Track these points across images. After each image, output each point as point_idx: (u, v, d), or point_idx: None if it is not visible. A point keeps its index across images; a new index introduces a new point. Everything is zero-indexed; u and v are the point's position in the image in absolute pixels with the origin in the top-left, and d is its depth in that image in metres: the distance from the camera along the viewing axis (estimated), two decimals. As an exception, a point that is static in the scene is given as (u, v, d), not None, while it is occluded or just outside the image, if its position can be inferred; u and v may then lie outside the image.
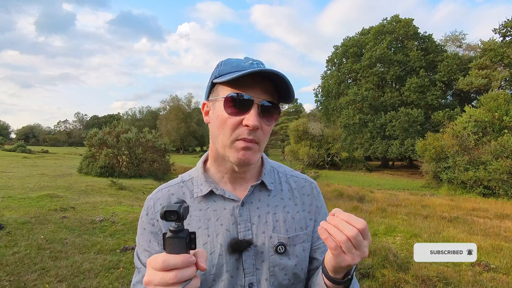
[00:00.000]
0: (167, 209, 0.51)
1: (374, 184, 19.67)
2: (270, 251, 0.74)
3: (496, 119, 16.73)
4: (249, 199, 0.78)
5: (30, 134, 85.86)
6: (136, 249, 0.80)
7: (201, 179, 0.79)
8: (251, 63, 0.71)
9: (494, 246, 5.28)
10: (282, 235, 0.76)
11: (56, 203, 6.88)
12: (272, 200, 0.80)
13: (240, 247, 0.72)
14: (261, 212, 0.77)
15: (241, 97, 0.69)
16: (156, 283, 0.51)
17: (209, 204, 0.77)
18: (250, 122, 0.67)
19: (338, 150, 30.61)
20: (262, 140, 0.72)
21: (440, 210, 9.24)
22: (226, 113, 0.70)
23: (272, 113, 0.72)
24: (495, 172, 14.20)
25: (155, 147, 15.58)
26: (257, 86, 0.69)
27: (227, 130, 0.70)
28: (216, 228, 0.74)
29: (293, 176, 0.87)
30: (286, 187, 0.83)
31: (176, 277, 0.50)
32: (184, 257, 0.51)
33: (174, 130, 53.63)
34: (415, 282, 3.75)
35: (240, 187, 0.79)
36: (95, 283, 3.36)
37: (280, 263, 0.74)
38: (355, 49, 31.73)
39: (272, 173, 0.84)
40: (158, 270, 0.51)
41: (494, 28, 25.10)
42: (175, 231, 0.52)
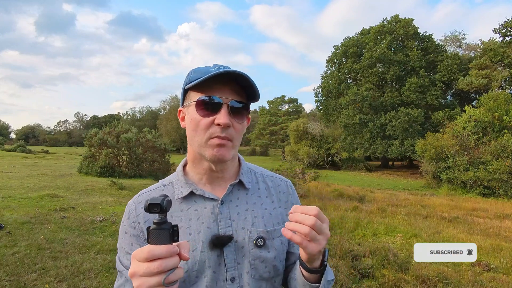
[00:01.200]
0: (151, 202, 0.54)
1: (374, 184, 19.67)
2: (250, 245, 0.78)
3: (496, 119, 16.73)
4: (228, 197, 0.82)
5: (30, 134, 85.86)
6: (118, 254, 0.82)
7: (181, 181, 0.83)
8: (218, 68, 0.75)
9: (494, 246, 5.29)
10: (261, 229, 0.80)
11: (56, 203, 6.88)
12: (250, 198, 0.84)
13: (221, 243, 0.76)
14: (240, 210, 0.81)
15: (211, 99, 0.74)
16: (142, 273, 0.53)
17: (190, 204, 0.80)
18: (221, 121, 0.72)
19: (338, 150, 30.62)
20: (235, 137, 0.76)
21: (440, 210, 9.24)
22: (198, 115, 0.74)
23: (242, 111, 0.77)
24: (495, 172, 14.20)
25: (155, 147, 15.57)
26: (225, 88, 0.74)
27: (201, 131, 0.75)
28: (198, 226, 0.78)
29: (269, 176, 0.92)
30: (263, 186, 0.88)
31: (161, 266, 0.53)
32: (168, 247, 0.54)
33: (174, 130, 53.66)
34: (415, 282, 3.75)
35: (219, 187, 0.83)
36: (95, 283, 3.36)
37: (260, 256, 0.78)
38: (355, 49, 31.74)
39: (249, 173, 0.89)
40: (143, 261, 0.54)
41: (494, 28, 25.13)
42: (158, 223, 0.55)
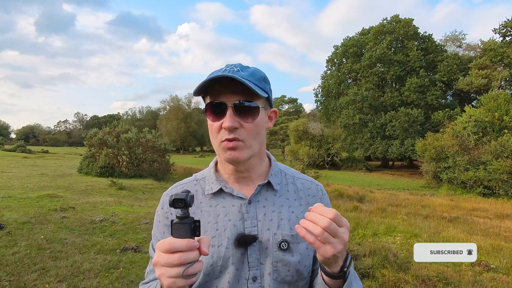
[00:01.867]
0: (175, 197, 0.57)
1: (374, 184, 19.67)
2: (274, 247, 0.78)
3: (496, 119, 16.72)
4: (256, 197, 0.82)
5: (30, 134, 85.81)
6: (151, 241, 0.87)
7: (212, 178, 0.86)
8: (224, 70, 0.76)
9: (494, 246, 5.28)
10: (286, 233, 0.79)
11: (56, 203, 6.87)
12: (278, 199, 0.84)
13: (246, 241, 0.77)
14: (267, 210, 0.81)
15: (215, 103, 0.75)
16: (163, 263, 0.57)
17: (218, 201, 0.83)
18: (225, 124, 0.73)
19: (338, 150, 30.59)
20: (247, 137, 0.76)
21: (440, 210, 9.24)
22: (210, 120, 0.78)
23: (249, 110, 0.76)
24: (495, 172, 14.19)
25: (155, 147, 15.57)
26: (229, 90, 0.74)
27: (214, 134, 0.78)
28: (224, 223, 0.80)
29: (299, 178, 0.91)
30: (292, 188, 0.87)
31: (180, 259, 0.56)
32: (188, 241, 0.56)
33: (174, 130, 53.61)
34: (415, 282, 3.75)
35: (247, 187, 0.84)
36: (95, 283, 3.36)
37: (283, 259, 0.77)
38: (355, 49, 31.72)
39: (279, 174, 0.88)
40: (165, 252, 0.57)
41: (494, 28, 25.11)
42: (181, 217, 0.58)
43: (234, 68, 0.76)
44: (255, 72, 0.79)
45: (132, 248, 4.42)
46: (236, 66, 0.77)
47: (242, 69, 0.77)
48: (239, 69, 0.76)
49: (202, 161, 34.29)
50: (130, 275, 3.62)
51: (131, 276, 3.61)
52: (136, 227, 5.57)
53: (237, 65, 0.78)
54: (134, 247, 4.46)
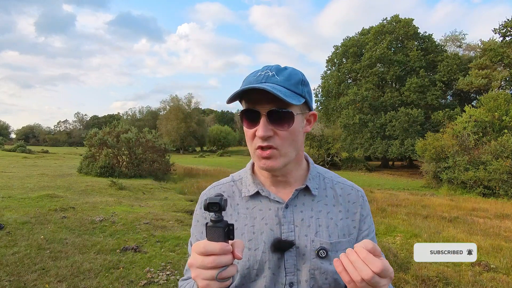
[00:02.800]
0: (210, 201, 0.58)
1: (374, 184, 19.66)
2: (311, 254, 0.77)
3: (496, 119, 16.73)
4: (293, 202, 0.81)
5: (30, 134, 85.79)
6: (190, 238, 0.88)
7: (249, 180, 0.85)
8: (258, 76, 0.74)
9: (494, 246, 5.29)
10: (324, 240, 0.78)
11: (56, 203, 6.87)
12: (316, 205, 0.82)
13: (283, 247, 0.76)
14: (305, 216, 0.80)
15: (249, 111, 0.75)
16: (198, 265, 0.58)
17: (255, 203, 0.82)
18: (259, 133, 0.73)
19: (338, 150, 30.58)
20: (282, 145, 0.74)
21: (440, 210, 9.24)
22: (245, 126, 0.77)
23: (283, 118, 0.74)
24: (495, 172, 14.19)
25: (155, 147, 15.57)
26: (263, 97, 0.72)
27: (249, 141, 0.77)
28: (261, 226, 0.79)
29: (339, 183, 0.88)
30: (331, 193, 0.85)
31: (214, 262, 0.56)
32: (222, 245, 0.57)
33: (174, 130, 53.59)
34: (415, 282, 3.75)
35: (284, 190, 0.82)
36: (95, 283, 3.36)
37: (321, 267, 0.76)
38: (355, 49, 31.72)
39: (317, 178, 0.86)
40: (199, 254, 0.58)
41: (494, 28, 25.12)
42: (215, 221, 0.59)
43: (269, 73, 0.74)
44: (292, 75, 0.75)
45: (132, 248, 4.42)
46: (271, 70, 0.75)
47: (278, 73, 0.74)
48: (274, 73, 0.74)
49: (202, 161, 34.28)
50: (130, 275, 3.62)
51: (131, 276, 3.61)
52: (136, 227, 5.57)
53: (274, 68, 0.76)
54: (134, 247, 4.46)
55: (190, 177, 15.48)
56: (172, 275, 3.70)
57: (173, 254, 4.38)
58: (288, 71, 0.76)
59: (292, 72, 0.76)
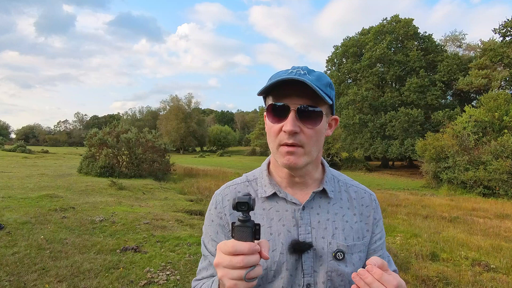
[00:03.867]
0: (239, 201, 0.58)
1: (374, 184, 19.66)
2: (329, 256, 0.77)
3: (496, 119, 16.72)
4: (310, 204, 0.81)
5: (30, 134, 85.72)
6: (202, 237, 0.87)
7: (265, 180, 0.85)
8: (290, 72, 0.74)
9: (494, 246, 5.29)
10: (341, 243, 0.79)
11: (56, 203, 6.87)
12: (332, 207, 0.83)
13: (300, 248, 0.76)
14: (321, 218, 0.80)
15: (278, 105, 0.74)
16: (225, 265, 0.57)
17: (272, 204, 0.82)
18: (287, 128, 0.72)
19: (338, 150, 30.58)
20: (307, 143, 0.74)
21: (440, 210, 9.24)
22: (270, 122, 0.76)
23: (313, 116, 0.74)
24: (495, 172, 14.20)
25: (155, 147, 15.57)
26: (294, 93, 0.73)
27: (273, 137, 0.76)
28: (278, 227, 0.79)
29: (353, 186, 0.89)
30: (346, 197, 0.86)
31: (243, 262, 0.56)
32: (250, 245, 0.57)
33: (174, 130, 53.57)
34: (415, 282, 3.75)
35: (300, 192, 0.83)
36: (95, 283, 3.36)
37: (338, 269, 0.77)
38: (355, 49, 31.73)
39: (332, 181, 0.87)
40: (227, 254, 0.57)
41: (494, 28, 25.12)
42: (243, 221, 0.59)
43: (300, 71, 0.74)
44: (321, 76, 0.76)
45: (132, 248, 4.42)
46: (302, 69, 0.75)
47: (308, 73, 0.74)
48: (306, 72, 0.74)
49: (202, 161, 34.28)
50: (130, 275, 3.62)
51: (131, 276, 3.61)
52: (136, 227, 5.56)
53: (304, 68, 0.76)
54: (134, 247, 4.46)
55: (190, 177, 15.47)
56: (172, 275, 3.70)
57: (173, 254, 4.38)
58: (318, 73, 0.77)
59: (321, 74, 0.77)
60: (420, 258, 4.65)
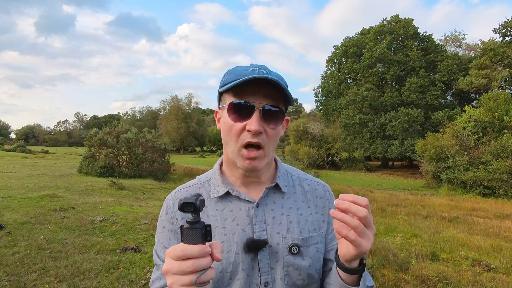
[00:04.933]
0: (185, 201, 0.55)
1: (374, 184, 19.66)
2: (284, 251, 0.76)
3: (496, 119, 16.72)
4: (264, 201, 0.80)
5: (30, 134, 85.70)
6: (155, 246, 0.83)
7: (218, 180, 0.83)
8: (253, 70, 0.72)
9: (494, 246, 5.29)
10: (296, 236, 0.78)
11: (56, 203, 6.87)
12: (286, 202, 0.82)
13: (256, 246, 0.75)
14: (276, 214, 0.80)
15: (242, 104, 0.72)
16: (174, 271, 0.54)
17: (225, 204, 0.80)
18: (252, 127, 0.70)
19: (338, 150, 30.60)
20: (267, 144, 0.74)
21: (440, 210, 9.24)
22: (231, 120, 0.73)
23: (276, 117, 0.74)
24: (495, 172, 14.20)
25: (155, 147, 15.57)
26: (258, 91, 0.71)
27: (233, 136, 0.74)
28: (233, 227, 0.77)
29: (306, 180, 0.89)
30: (300, 190, 0.85)
31: (193, 266, 0.53)
32: (200, 247, 0.54)
33: (174, 130, 53.59)
34: (415, 282, 3.75)
35: (254, 190, 0.82)
36: (95, 283, 3.36)
37: (294, 263, 0.76)
38: (355, 49, 31.74)
39: (286, 176, 0.86)
40: (176, 259, 0.54)
41: (494, 28, 25.13)
42: (192, 222, 0.55)
43: (263, 70, 0.73)
44: (281, 77, 0.75)
45: (132, 248, 4.42)
46: (264, 69, 0.74)
47: (269, 73, 0.73)
48: (268, 72, 0.73)
49: (202, 161, 34.28)
50: (130, 275, 3.62)
51: (131, 276, 3.61)
52: (136, 227, 5.57)
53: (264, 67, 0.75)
54: (134, 247, 4.46)
55: (190, 177, 15.46)
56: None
57: (173, 254, 4.37)
58: (276, 73, 0.75)
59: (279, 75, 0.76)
60: (420, 258, 4.65)
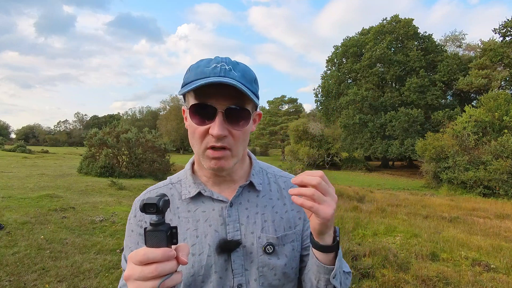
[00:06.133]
0: (147, 202, 0.50)
1: (374, 184, 19.67)
2: (259, 251, 0.74)
3: (496, 119, 16.73)
4: (238, 199, 0.77)
5: (30, 134, 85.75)
6: (123, 252, 0.79)
7: (189, 180, 0.79)
8: (214, 67, 0.67)
9: (494, 246, 5.28)
10: (270, 235, 0.75)
11: (56, 203, 6.87)
12: (260, 200, 0.79)
13: (228, 248, 0.72)
14: (250, 213, 0.77)
15: (204, 107, 0.68)
16: (136, 277, 0.50)
17: (197, 205, 0.77)
18: (214, 132, 0.66)
19: (338, 150, 30.62)
20: (234, 145, 0.70)
21: (440, 210, 9.24)
22: (193, 123, 0.69)
23: (241, 117, 0.70)
24: (495, 172, 14.20)
25: (155, 147, 15.57)
26: (220, 92, 0.67)
27: (197, 139, 0.70)
28: (205, 229, 0.74)
29: (282, 177, 0.86)
30: (275, 187, 0.83)
31: (156, 271, 0.49)
32: (164, 251, 0.50)
33: (174, 130, 53.63)
34: (415, 282, 3.75)
35: (228, 189, 0.78)
36: (95, 283, 3.36)
37: (269, 263, 0.74)
38: (355, 49, 31.75)
39: (260, 173, 0.83)
40: (138, 264, 0.50)
41: (494, 28, 25.14)
42: (155, 224, 0.51)
43: (225, 66, 0.68)
44: (246, 72, 0.70)
45: (132, 248, 4.43)
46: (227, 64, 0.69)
47: (233, 68, 0.68)
48: (231, 67, 0.68)
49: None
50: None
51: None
52: (136, 227, 5.57)
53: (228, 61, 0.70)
54: (134, 247, 4.47)
55: (190, 177, 15.45)
56: (172, 275, 3.70)
57: (173, 254, 4.38)
58: (242, 67, 0.70)
59: (246, 68, 0.71)
60: (420, 258, 4.64)
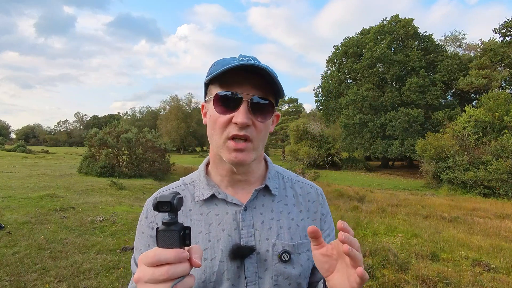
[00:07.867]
0: (160, 199, 0.48)
1: (374, 184, 19.66)
2: (274, 259, 0.70)
3: (496, 119, 16.72)
4: (253, 203, 0.74)
5: (30, 134, 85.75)
6: (133, 254, 0.77)
7: (202, 182, 0.77)
8: (241, 60, 0.68)
9: (494, 246, 5.28)
10: (286, 243, 0.72)
11: (56, 203, 6.87)
12: (276, 205, 0.76)
13: (242, 254, 0.69)
14: (265, 218, 0.74)
15: (229, 95, 0.66)
16: (146, 279, 0.47)
17: (210, 208, 0.74)
18: (239, 119, 0.65)
19: (338, 150, 30.60)
20: (256, 137, 0.69)
21: (440, 210, 9.24)
22: (216, 112, 0.68)
23: (265, 109, 0.69)
24: (495, 172, 14.19)
25: (155, 147, 15.57)
26: (247, 82, 0.67)
27: (219, 129, 0.68)
28: (218, 233, 0.71)
29: (298, 182, 0.83)
30: (291, 193, 0.80)
31: (167, 273, 0.46)
32: (177, 252, 0.47)
33: (174, 130, 53.59)
34: (415, 282, 3.75)
35: (242, 191, 0.76)
36: (95, 283, 3.36)
37: (284, 272, 0.70)
38: (355, 49, 31.73)
39: (276, 178, 0.81)
40: (149, 266, 0.48)
41: (494, 28, 25.12)
42: (167, 224, 0.49)
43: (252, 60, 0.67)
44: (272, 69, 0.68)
45: (133, 248, 4.42)
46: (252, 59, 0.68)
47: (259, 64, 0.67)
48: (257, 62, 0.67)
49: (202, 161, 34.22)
50: (130, 275, 3.62)
51: (131, 276, 3.61)
52: (136, 227, 5.56)
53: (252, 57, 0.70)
54: (134, 247, 4.47)
55: (190, 177, 15.44)
56: (172, 275, 3.70)
57: (173, 254, 4.37)
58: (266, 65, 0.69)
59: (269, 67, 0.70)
60: (420, 258, 4.64)
